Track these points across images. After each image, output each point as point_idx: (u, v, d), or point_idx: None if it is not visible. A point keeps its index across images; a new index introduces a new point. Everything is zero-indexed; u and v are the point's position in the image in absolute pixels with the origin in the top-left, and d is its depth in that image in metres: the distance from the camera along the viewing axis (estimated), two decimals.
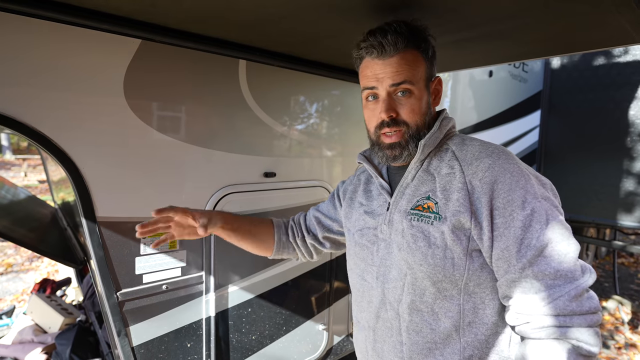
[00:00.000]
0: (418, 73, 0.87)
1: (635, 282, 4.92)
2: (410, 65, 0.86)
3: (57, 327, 2.72)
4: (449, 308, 0.84)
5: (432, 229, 0.83)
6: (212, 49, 1.39)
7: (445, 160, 0.89)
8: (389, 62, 0.86)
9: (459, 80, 3.07)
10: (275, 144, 1.70)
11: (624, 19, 1.08)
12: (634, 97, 3.64)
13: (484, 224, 0.78)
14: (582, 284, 0.73)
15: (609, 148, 3.78)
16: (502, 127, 3.63)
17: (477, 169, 0.81)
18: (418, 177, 0.91)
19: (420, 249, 0.84)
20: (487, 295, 0.83)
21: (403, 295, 0.88)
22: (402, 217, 0.89)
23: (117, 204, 1.26)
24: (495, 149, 0.84)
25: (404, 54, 0.85)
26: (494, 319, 0.84)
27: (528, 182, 0.79)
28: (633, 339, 3.54)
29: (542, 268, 0.74)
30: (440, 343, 0.85)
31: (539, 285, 0.74)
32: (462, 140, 0.91)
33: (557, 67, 4.15)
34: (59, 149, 1.12)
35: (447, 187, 0.84)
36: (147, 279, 1.33)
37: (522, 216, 0.76)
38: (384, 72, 0.86)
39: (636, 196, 3.65)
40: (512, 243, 0.76)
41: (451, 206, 0.82)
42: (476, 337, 0.83)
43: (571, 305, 0.72)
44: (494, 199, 0.78)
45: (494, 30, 1.25)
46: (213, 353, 1.52)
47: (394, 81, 0.85)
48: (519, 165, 0.81)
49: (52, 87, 1.11)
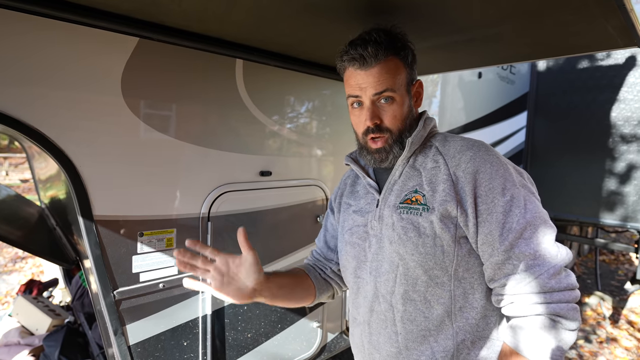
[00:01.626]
0: (399, 80, 0.91)
1: (615, 279, 5.08)
2: (391, 73, 0.90)
3: (45, 329, 2.67)
4: (441, 295, 0.88)
5: (421, 219, 0.88)
6: (210, 48, 1.40)
7: (429, 156, 0.94)
8: (370, 72, 0.89)
9: (449, 82, 3.12)
10: (271, 142, 1.71)
11: (610, 24, 1.13)
12: (615, 99, 3.77)
13: (469, 211, 0.84)
14: (560, 262, 0.79)
15: (592, 148, 3.91)
16: (490, 128, 3.71)
17: (460, 161, 0.87)
18: (405, 173, 0.96)
19: (411, 239, 0.88)
20: (475, 280, 0.88)
21: (396, 287, 0.91)
22: (391, 211, 0.93)
23: (114, 203, 1.25)
24: (475, 142, 0.90)
25: (385, 63, 0.89)
26: (483, 303, 0.89)
27: (507, 171, 0.85)
28: (614, 333, 3.66)
29: (523, 249, 0.79)
30: (434, 330, 0.89)
31: (520, 266, 0.79)
32: (445, 137, 0.97)
33: (543, 69, 4.27)
34: (56, 147, 1.11)
35: (433, 179, 0.89)
36: (144, 277, 1.33)
37: (503, 202, 0.82)
38: (367, 81, 0.90)
39: (617, 195, 3.78)
40: (495, 227, 0.82)
41: (438, 197, 0.87)
42: (467, 322, 0.88)
43: (550, 283, 0.77)
44: (477, 187, 0.84)
45: (481, 35, 1.30)
46: (209, 351, 1.52)
47: (376, 90, 0.90)
48: (497, 157, 0.87)
49: (50, 85, 1.10)
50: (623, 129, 3.74)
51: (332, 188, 1.99)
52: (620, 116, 3.75)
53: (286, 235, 1.80)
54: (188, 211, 1.43)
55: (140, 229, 1.31)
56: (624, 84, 3.72)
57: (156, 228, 1.35)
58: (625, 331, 3.71)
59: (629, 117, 3.70)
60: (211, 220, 1.49)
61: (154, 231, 1.34)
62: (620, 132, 3.75)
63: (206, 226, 1.49)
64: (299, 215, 1.84)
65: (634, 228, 3.74)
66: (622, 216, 3.78)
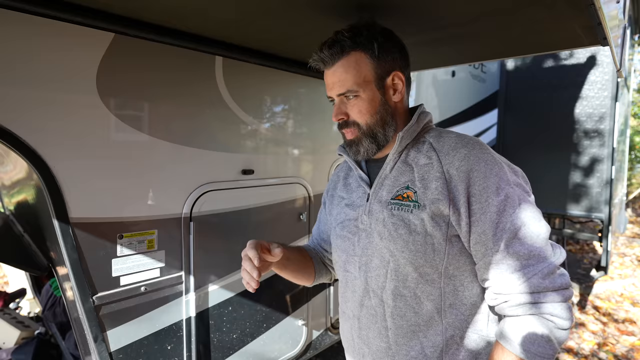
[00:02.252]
0: (362, 74, 0.91)
1: (581, 267, 5.36)
2: (353, 69, 0.90)
3: (13, 342, 2.53)
4: (431, 292, 0.88)
5: (412, 216, 0.87)
6: (189, 44, 1.37)
7: (422, 151, 0.93)
8: (332, 71, 0.92)
9: (423, 80, 3.20)
10: (252, 141, 1.69)
11: (577, 23, 1.20)
12: (578, 96, 3.98)
13: (462, 210, 0.83)
14: (554, 262, 0.79)
15: (558, 144, 4.11)
16: (463, 125, 3.83)
17: (454, 159, 0.86)
18: (397, 168, 0.95)
19: (402, 236, 0.88)
20: (465, 277, 0.89)
21: (387, 282, 0.91)
22: (382, 207, 0.93)
23: (91, 204, 1.21)
24: (470, 139, 0.90)
25: (345, 60, 0.90)
26: (473, 300, 0.89)
27: (501, 169, 0.84)
28: (582, 319, 3.87)
29: (517, 249, 0.79)
30: (424, 325, 0.89)
31: (514, 265, 0.79)
32: (439, 133, 0.95)
33: (511, 68, 4.45)
34: (28, 148, 1.05)
35: (426, 176, 0.88)
36: (125, 281, 1.29)
37: (497, 201, 0.81)
38: (332, 81, 0.93)
39: (582, 187, 3.99)
40: (489, 227, 0.81)
41: (430, 194, 0.86)
42: (457, 318, 0.88)
43: (544, 282, 0.77)
44: (470, 186, 0.83)
45: (457, 33, 1.34)
46: (194, 354, 1.49)
47: (339, 91, 0.92)
48: (492, 155, 0.87)
49: (21, 83, 1.05)
50: (586, 125, 3.96)
51: (313, 185, 2.00)
52: (583, 112, 3.96)
53: (270, 233, 1.79)
54: (169, 211, 1.40)
55: (120, 231, 1.27)
56: (586, 82, 3.94)
57: (136, 229, 1.31)
58: (591, 316, 3.93)
59: (591, 114, 3.92)
60: (193, 220, 1.46)
61: (134, 233, 1.30)
62: (584, 128, 3.97)
63: (188, 226, 1.45)
64: (282, 213, 1.84)
65: (598, 218, 3.96)
66: (586, 207, 4.00)
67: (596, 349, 3.31)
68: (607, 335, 3.54)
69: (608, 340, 3.44)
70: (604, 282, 4.77)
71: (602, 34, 1.20)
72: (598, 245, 5.92)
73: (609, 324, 3.76)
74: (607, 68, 3.83)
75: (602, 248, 4.02)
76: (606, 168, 3.87)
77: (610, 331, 3.61)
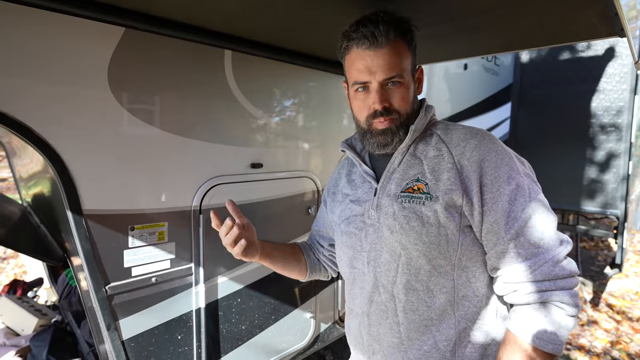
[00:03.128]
0: (406, 63, 0.89)
1: (595, 264, 5.26)
2: (400, 56, 0.88)
3: (31, 329, 2.61)
4: (444, 284, 0.88)
5: (424, 208, 0.87)
6: (198, 38, 1.37)
7: (431, 144, 0.93)
8: (380, 53, 0.86)
9: (435, 73, 3.15)
10: (261, 134, 1.70)
11: (593, 14, 1.16)
12: (595, 90, 3.87)
13: (474, 200, 0.83)
14: (562, 250, 0.80)
15: (573, 138, 4.01)
16: (476, 119, 3.77)
17: (465, 149, 0.86)
18: (405, 162, 0.94)
19: (414, 228, 0.87)
20: (477, 268, 0.89)
21: (398, 277, 0.90)
22: (392, 200, 0.92)
23: (104, 197, 1.23)
24: (478, 131, 0.90)
25: (394, 45, 0.86)
26: (484, 291, 0.90)
27: (511, 159, 0.85)
28: (594, 316, 3.81)
29: (528, 237, 0.80)
30: (436, 319, 0.89)
31: (524, 254, 0.80)
32: (446, 125, 0.96)
33: (526, 61, 4.35)
34: (43, 141, 1.08)
35: (436, 168, 0.88)
36: (136, 271, 1.32)
37: (508, 191, 0.82)
38: (376, 64, 0.86)
39: (597, 183, 3.90)
40: (501, 216, 0.82)
41: (442, 185, 0.86)
42: (469, 310, 0.89)
43: (554, 270, 0.79)
44: (482, 176, 0.84)
45: (471, 24, 1.31)
46: (204, 344, 1.52)
47: (387, 75, 0.86)
48: (501, 145, 0.88)
49: (36, 78, 1.07)
50: (602, 119, 3.86)
51: (322, 179, 2.00)
52: (600, 106, 3.86)
53: (278, 227, 1.80)
54: (179, 204, 1.42)
55: (131, 223, 1.30)
56: (603, 74, 3.82)
57: (147, 222, 1.33)
58: (605, 314, 3.86)
59: (608, 107, 3.81)
60: (203, 213, 1.48)
61: (145, 225, 1.33)
62: (600, 122, 3.87)
63: (198, 219, 1.47)
64: (290, 207, 1.84)
65: (613, 214, 3.87)
66: (602, 203, 3.91)
67: (609, 347, 3.26)
68: (620, 333, 3.48)
69: (621, 339, 3.38)
70: (618, 279, 4.68)
71: (619, 25, 1.16)
72: (613, 242, 5.79)
73: (622, 322, 3.69)
74: (626, 60, 3.72)
75: (617, 245, 3.93)
76: (623, 163, 3.77)
77: (623, 329, 3.55)
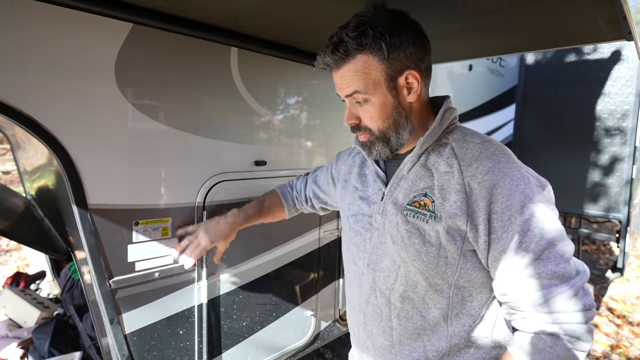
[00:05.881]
0: (370, 78, 0.83)
1: (597, 268, 5.24)
2: (360, 73, 0.83)
3: (34, 321, 2.64)
4: (439, 300, 0.87)
5: (427, 227, 0.84)
6: (204, 35, 1.38)
7: (443, 156, 0.87)
8: (339, 74, 0.86)
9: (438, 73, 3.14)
10: (266, 132, 1.70)
11: (600, 17, 1.16)
12: (600, 92, 3.86)
13: (480, 227, 0.79)
14: (578, 282, 0.76)
15: (577, 141, 4.00)
16: (480, 120, 3.76)
17: (477, 171, 0.80)
18: (415, 172, 0.90)
19: (415, 245, 0.85)
20: (475, 289, 0.86)
21: (396, 285, 0.90)
22: (397, 210, 0.90)
23: (109, 191, 1.24)
24: (496, 149, 0.83)
25: (352, 63, 0.83)
26: (481, 311, 0.88)
27: (527, 186, 0.78)
28: (595, 320, 3.80)
29: (540, 270, 0.75)
30: (429, 329, 0.89)
31: (535, 284, 0.76)
32: (463, 135, 0.89)
33: (531, 62, 4.33)
34: (50, 136, 1.09)
35: (445, 186, 0.84)
36: (140, 266, 1.33)
37: (521, 221, 0.76)
38: (339, 84, 0.88)
39: (601, 186, 3.89)
40: (510, 247, 0.77)
41: (447, 207, 0.82)
42: (463, 327, 0.87)
43: (567, 304, 0.74)
44: (493, 203, 0.78)
45: (478, 24, 1.31)
46: (205, 339, 1.53)
47: (345, 93, 0.87)
48: (519, 169, 0.80)
49: (43, 71, 1.07)
50: (607, 122, 3.84)
51: None
52: (605, 109, 3.84)
53: (281, 224, 1.80)
54: (183, 200, 1.43)
55: (136, 218, 1.30)
56: (609, 77, 3.81)
57: (151, 217, 1.34)
58: (605, 317, 3.85)
59: (613, 110, 3.80)
60: (206, 210, 1.49)
61: (149, 220, 1.33)
62: (605, 125, 3.85)
63: (201, 215, 1.48)
64: None
65: (616, 218, 3.86)
66: (605, 207, 3.90)
67: (609, 351, 3.25)
68: (620, 337, 3.48)
69: (621, 343, 3.37)
70: (619, 283, 4.66)
71: (627, 29, 1.16)
72: (615, 246, 5.77)
73: (623, 326, 3.69)
74: (632, 64, 3.70)
75: (619, 249, 3.92)
76: (627, 167, 3.75)
77: (624, 333, 3.54)
